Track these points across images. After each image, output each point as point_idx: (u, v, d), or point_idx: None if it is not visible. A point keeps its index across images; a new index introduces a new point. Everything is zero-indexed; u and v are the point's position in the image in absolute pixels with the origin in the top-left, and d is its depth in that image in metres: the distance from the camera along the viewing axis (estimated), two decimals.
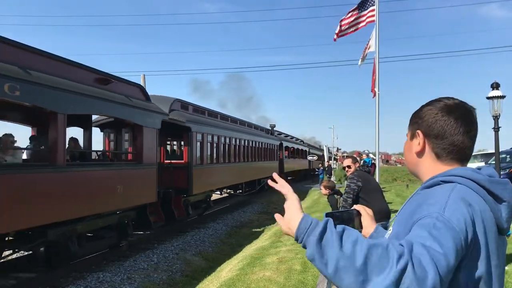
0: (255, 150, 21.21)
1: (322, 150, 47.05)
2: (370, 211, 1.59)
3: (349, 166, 5.30)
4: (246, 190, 20.42)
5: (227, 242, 11.65)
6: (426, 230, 1.03)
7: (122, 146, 10.86)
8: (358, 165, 5.43)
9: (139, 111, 9.24)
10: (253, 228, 13.69)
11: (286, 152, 30.58)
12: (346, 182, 5.43)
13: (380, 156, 12.31)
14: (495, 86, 9.75)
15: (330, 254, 1.01)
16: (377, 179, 9.06)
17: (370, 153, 54.40)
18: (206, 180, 13.79)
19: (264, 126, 27.06)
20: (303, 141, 43.24)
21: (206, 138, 13.78)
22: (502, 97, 9.73)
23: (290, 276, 6.45)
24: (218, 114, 16.68)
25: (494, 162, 11.94)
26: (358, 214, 1.56)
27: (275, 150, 26.52)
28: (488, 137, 12.52)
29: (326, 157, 36.55)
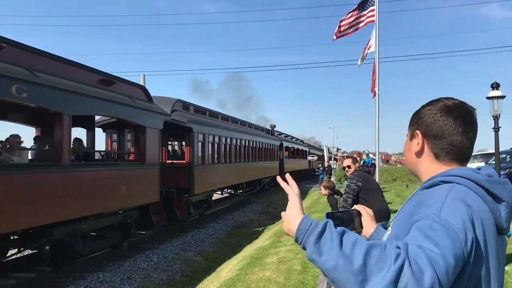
0: (256, 150, 21.27)
1: (322, 150, 46.91)
2: (370, 211, 1.60)
3: (349, 166, 5.29)
4: (246, 190, 20.50)
5: (227, 242, 11.66)
6: (422, 232, 1.03)
7: (125, 147, 10.94)
8: (358, 165, 5.42)
9: (142, 112, 9.34)
10: (253, 228, 13.71)
11: (286, 152, 30.58)
12: (346, 182, 5.43)
13: (380, 156, 12.31)
14: (495, 86, 9.78)
15: (330, 254, 1.02)
16: (377, 179, 9.07)
17: (370, 153, 54.31)
18: (207, 180, 13.86)
19: (264, 126, 27.09)
20: (303, 141, 43.24)
21: (207, 138, 13.85)
22: (502, 97, 9.76)
23: (290, 276, 6.44)
24: (219, 115, 16.76)
25: (494, 162, 11.99)
26: (359, 214, 1.57)
27: (276, 150, 26.56)
28: (488, 137, 12.59)
29: (326, 157, 36.43)
